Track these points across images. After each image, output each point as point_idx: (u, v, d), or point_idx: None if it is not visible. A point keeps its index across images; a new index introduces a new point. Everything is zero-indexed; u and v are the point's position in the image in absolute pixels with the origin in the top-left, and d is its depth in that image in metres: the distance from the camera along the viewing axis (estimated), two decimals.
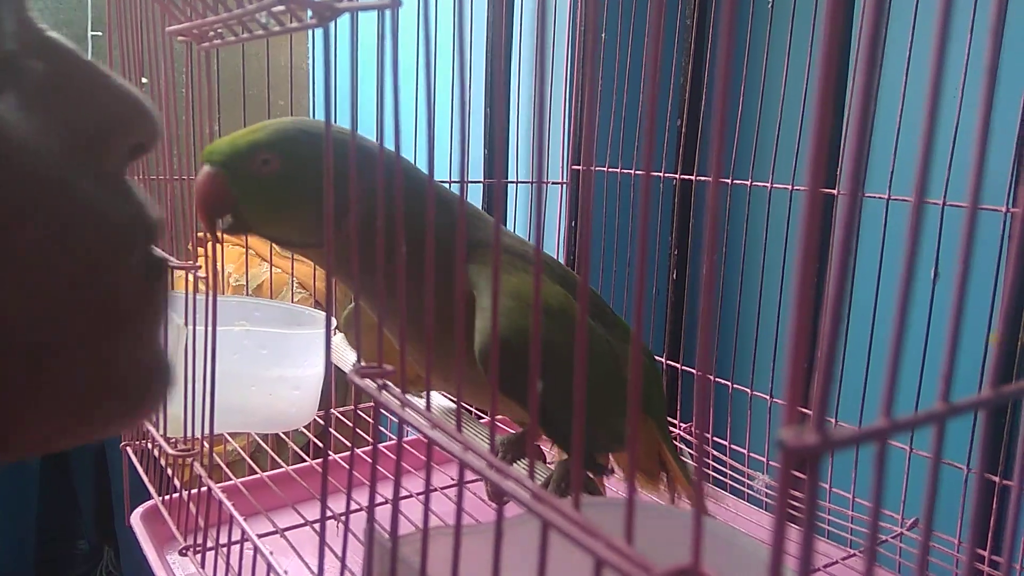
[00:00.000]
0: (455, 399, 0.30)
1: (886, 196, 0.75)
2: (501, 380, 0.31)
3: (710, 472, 0.91)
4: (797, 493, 0.86)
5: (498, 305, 0.25)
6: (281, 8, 0.39)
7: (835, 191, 0.83)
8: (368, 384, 0.33)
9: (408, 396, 0.32)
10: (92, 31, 1.55)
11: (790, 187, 0.83)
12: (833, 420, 0.79)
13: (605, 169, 1.04)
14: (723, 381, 0.94)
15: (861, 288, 0.75)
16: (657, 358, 0.87)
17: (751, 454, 0.89)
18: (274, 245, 0.63)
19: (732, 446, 0.92)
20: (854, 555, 0.72)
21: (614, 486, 0.75)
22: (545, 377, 0.25)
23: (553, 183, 1.02)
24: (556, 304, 0.54)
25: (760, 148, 0.89)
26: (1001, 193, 0.70)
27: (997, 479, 0.71)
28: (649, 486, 0.69)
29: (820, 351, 0.16)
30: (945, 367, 0.18)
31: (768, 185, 0.86)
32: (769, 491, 0.85)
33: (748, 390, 0.90)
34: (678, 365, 1.02)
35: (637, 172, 0.99)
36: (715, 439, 0.94)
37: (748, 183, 0.88)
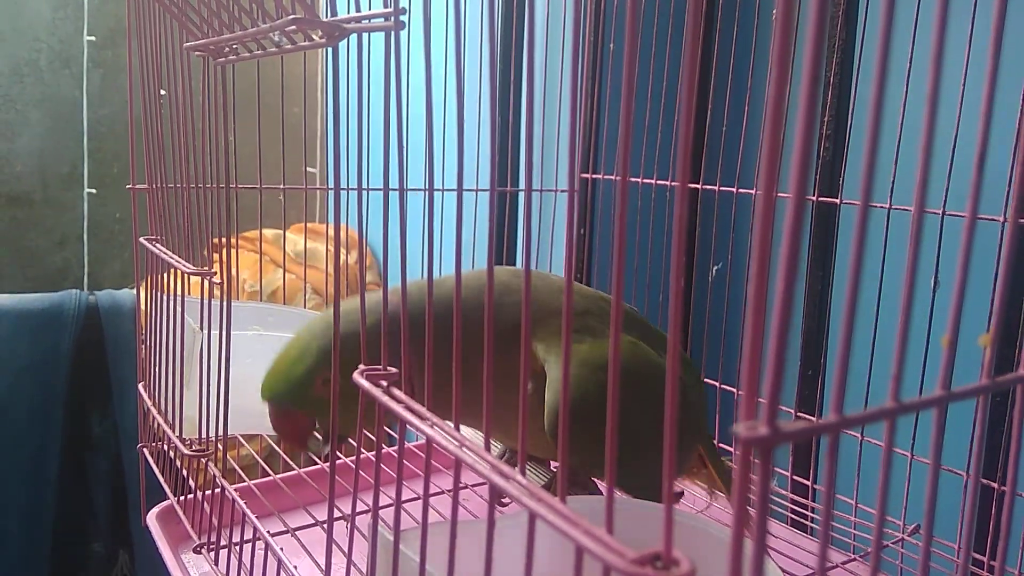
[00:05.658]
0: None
1: (887, 206, 0.76)
2: (571, 449, 0.35)
3: None
4: (797, 497, 0.87)
5: (567, 376, 0.29)
6: (293, 28, 0.40)
7: (837, 200, 0.84)
8: (372, 387, 0.35)
9: (412, 402, 0.33)
10: (88, 36, 1.58)
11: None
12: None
13: (613, 177, 1.05)
14: (729, 388, 0.95)
15: (866, 292, 0.76)
16: None
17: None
18: (289, 252, 0.64)
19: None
20: (854, 559, 0.73)
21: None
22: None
23: (561, 191, 1.04)
24: (624, 360, 0.57)
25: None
26: (999, 203, 0.70)
27: (996, 485, 0.72)
28: (687, 480, 0.72)
29: (771, 350, 0.17)
30: (895, 368, 0.20)
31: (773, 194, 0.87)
32: (775, 497, 0.86)
33: None
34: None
35: (645, 180, 1.00)
36: (721, 446, 0.95)
37: (753, 192, 0.89)
